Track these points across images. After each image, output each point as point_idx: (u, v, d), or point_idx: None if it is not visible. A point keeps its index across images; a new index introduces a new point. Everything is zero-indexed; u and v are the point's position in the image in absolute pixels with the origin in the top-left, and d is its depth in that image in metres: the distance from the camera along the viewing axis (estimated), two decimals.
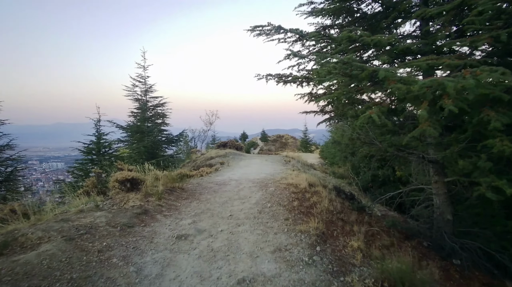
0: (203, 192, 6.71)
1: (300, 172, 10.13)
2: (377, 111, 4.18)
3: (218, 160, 14.64)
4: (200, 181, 8.43)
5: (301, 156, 19.74)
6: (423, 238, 6.19)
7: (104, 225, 4.26)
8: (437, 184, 6.06)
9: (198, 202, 5.91)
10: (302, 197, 6.29)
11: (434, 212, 6.25)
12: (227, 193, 6.66)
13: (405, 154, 6.03)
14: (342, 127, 12.50)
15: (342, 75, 4.42)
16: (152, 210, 5.15)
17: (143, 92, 14.83)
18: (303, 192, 6.69)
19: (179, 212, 5.28)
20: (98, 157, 10.27)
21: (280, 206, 5.52)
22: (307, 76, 6.99)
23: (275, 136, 42.24)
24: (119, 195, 5.78)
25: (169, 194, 6.11)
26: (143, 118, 14.52)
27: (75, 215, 4.56)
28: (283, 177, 8.27)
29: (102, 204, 5.35)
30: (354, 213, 6.33)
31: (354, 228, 5.36)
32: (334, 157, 17.35)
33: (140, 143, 13.76)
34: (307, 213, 5.33)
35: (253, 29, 6.47)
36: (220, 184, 7.82)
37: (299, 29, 6.24)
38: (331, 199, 6.48)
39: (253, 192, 6.63)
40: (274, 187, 7.02)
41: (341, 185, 12.13)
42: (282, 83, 7.19)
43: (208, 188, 7.23)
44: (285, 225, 4.64)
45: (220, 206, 5.66)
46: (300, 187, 7.07)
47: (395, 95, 4.43)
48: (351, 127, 6.92)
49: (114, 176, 5.85)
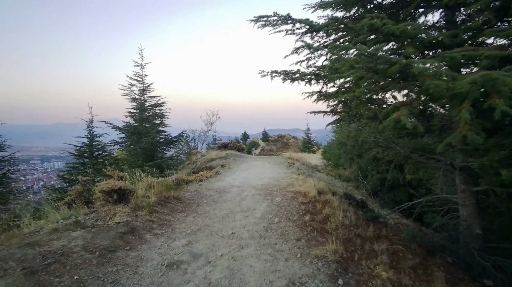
0: (201, 203, 5.91)
1: (306, 177, 9.33)
2: (406, 113, 3.38)
3: (218, 162, 13.86)
4: (198, 187, 7.64)
5: (303, 157, 18.96)
6: (447, 253, 5.42)
7: (80, 249, 3.47)
8: (464, 194, 5.28)
9: (195, 216, 5.11)
10: (313, 208, 5.50)
11: (460, 225, 5.48)
12: (228, 203, 5.87)
13: (431, 161, 5.24)
14: (355, 128, 11.73)
15: (366, 70, 3.63)
16: (141, 228, 4.35)
17: (141, 91, 14.03)
18: (313, 202, 5.90)
19: (172, 230, 4.48)
20: (91, 160, 9.48)
21: (289, 221, 4.72)
22: (317, 73, 6.20)
23: (276, 136, 41.45)
24: (105, 207, 4.99)
25: (162, 206, 5.31)
26: (140, 118, 13.74)
27: (48, 236, 3.77)
28: (289, 184, 7.47)
29: (84, 219, 4.56)
30: (369, 226, 5.56)
31: (375, 246, 4.58)
32: (339, 158, 16.55)
33: (137, 145, 12.97)
34: (321, 230, 4.54)
35: (258, 20, 5.68)
36: (220, 192, 7.03)
37: (309, 19, 5.45)
38: (344, 210, 5.70)
39: (257, 203, 5.84)
40: (280, 196, 6.23)
41: (350, 190, 11.36)
42: (289, 80, 6.40)
43: (207, 197, 6.44)
44: (297, 248, 3.84)
45: (220, 221, 4.86)
46: (309, 195, 6.28)
47: (428, 94, 3.63)
48: (365, 129, 6.17)
49: (100, 185, 5.06)
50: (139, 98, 14.06)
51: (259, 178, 9.13)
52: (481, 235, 5.14)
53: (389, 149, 6.10)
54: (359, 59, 3.46)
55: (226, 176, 9.81)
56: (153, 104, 14.24)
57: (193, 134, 20.98)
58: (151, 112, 14.30)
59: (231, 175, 10.18)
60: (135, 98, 13.97)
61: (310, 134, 33.28)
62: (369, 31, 4.36)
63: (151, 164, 12.36)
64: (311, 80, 6.46)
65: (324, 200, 6.17)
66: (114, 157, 11.81)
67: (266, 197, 6.31)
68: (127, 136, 13.62)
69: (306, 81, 6.44)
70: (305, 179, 8.66)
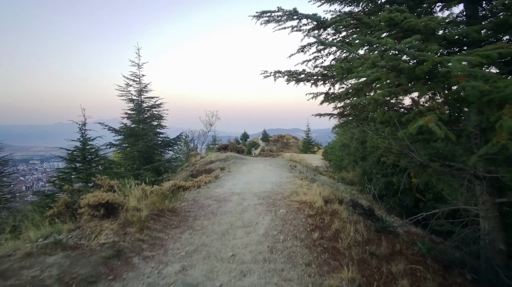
0: (199, 215, 5.35)
1: (309, 182, 8.79)
2: (434, 119, 2.82)
3: (218, 165, 13.31)
4: (196, 195, 7.08)
5: (304, 158, 18.41)
6: (465, 269, 4.89)
7: (53, 282, 2.91)
8: (486, 205, 4.74)
9: (191, 232, 4.54)
10: (321, 222, 4.95)
11: (481, 239, 4.96)
12: (228, 216, 5.31)
13: (453, 170, 4.69)
14: (360, 130, 11.19)
15: (389, 68, 3.08)
16: (129, 249, 3.78)
17: (138, 91, 13.43)
18: (320, 213, 5.36)
19: (165, 251, 3.91)
20: (84, 165, 8.91)
21: (296, 240, 4.16)
22: (325, 73, 5.64)
23: (276, 136, 40.91)
24: (91, 223, 4.43)
25: (155, 220, 4.74)
26: (137, 120, 13.15)
27: (19, 262, 3.21)
28: (293, 191, 6.92)
29: (66, 237, 4.01)
30: (381, 238, 5.02)
31: (392, 268, 4.02)
32: (341, 160, 16.02)
33: (134, 147, 12.38)
34: (333, 250, 3.99)
35: (260, 15, 5.11)
36: (219, 201, 6.48)
37: (317, 15, 4.89)
38: (354, 222, 5.17)
39: (260, 215, 5.29)
40: (285, 207, 5.68)
41: (354, 194, 10.82)
42: (293, 81, 5.84)
43: (205, 208, 5.88)
44: (308, 276, 3.28)
45: (219, 239, 4.30)
46: (316, 206, 5.74)
47: (460, 97, 3.08)
48: (377, 134, 5.65)
49: (86, 198, 4.50)
50: (136, 99, 13.47)
51: (261, 183, 8.59)
52: (505, 251, 4.62)
53: (403, 156, 5.56)
54: (384, 56, 2.90)
55: (226, 181, 9.26)
56: (151, 105, 13.65)
57: (192, 135, 20.42)
58: (149, 114, 13.72)
59: (231, 179, 9.63)
60: (132, 99, 13.38)
61: (310, 134, 32.72)
62: (388, 26, 3.80)
63: (148, 167, 11.79)
64: (317, 81, 5.91)
65: (332, 210, 5.63)
66: (109, 161, 11.24)
67: (269, 207, 5.77)
68: (124, 138, 13.04)
69: (312, 82, 5.89)
70: (309, 186, 8.12)
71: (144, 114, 13.49)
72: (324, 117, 6.90)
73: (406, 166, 5.60)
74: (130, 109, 13.43)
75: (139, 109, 13.22)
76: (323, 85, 6.12)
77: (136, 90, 13.41)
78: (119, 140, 13.07)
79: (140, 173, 11.61)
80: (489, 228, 4.70)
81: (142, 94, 13.49)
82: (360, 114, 6.13)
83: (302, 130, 36.85)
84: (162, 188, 7.11)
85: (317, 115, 6.78)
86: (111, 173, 10.69)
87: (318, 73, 5.40)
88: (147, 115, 13.60)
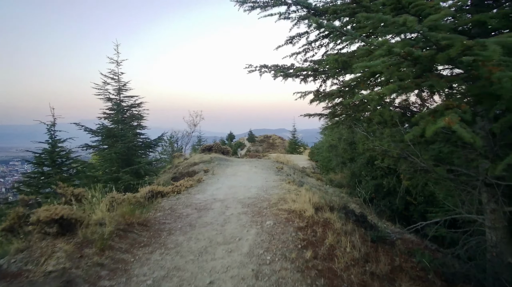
0: (174, 229, 4.61)
1: (297, 187, 8.16)
2: (456, 119, 2.20)
3: (202, 167, 12.56)
4: (175, 203, 6.33)
5: (291, 159, 17.83)
6: (470, 284, 4.36)
7: None
8: (494, 215, 4.21)
9: (162, 252, 3.81)
10: (313, 235, 4.31)
11: (487, 251, 4.44)
12: (207, 229, 4.59)
13: (459, 176, 4.12)
14: (348, 131, 10.64)
15: (403, 56, 2.45)
16: (82, 279, 3.03)
17: (116, 90, 12.52)
18: (311, 224, 4.72)
19: (128, 279, 3.16)
20: (53, 169, 8.03)
21: (286, 261, 3.49)
22: (316, 68, 5.00)
23: (262, 137, 40.30)
24: (43, 242, 3.66)
25: (121, 237, 3.98)
26: (116, 120, 12.26)
27: None
28: (280, 198, 6.27)
29: (8, 263, 3.24)
30: (378, 251, 4.45)
31: None
32: (329, 161, 15.49)
33: (112, 149, 11.51)
34: (329, 274, 3.34)
35: (244, 1, 4.45)
36: (200, 209, 5.77)
37: (308, 0, 4.26)
38: (348, 233, 4.58)
39: (244, 227, 4.60)
40: (272, 217, 5.01)
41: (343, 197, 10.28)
42: (281, 76, 5.19)
43: (183, 219, 5.15)
44: None
45: (196, 260, 3.58)
46: (306, 215, 5.11)
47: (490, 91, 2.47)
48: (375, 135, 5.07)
49: (37, 213, 3.72)
50: (115, 97, 12.56)
51: (246, 188, 7.91)
52: None
53: (402, 160, 4.98)
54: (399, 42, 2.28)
55: (209, 185, 8.53)
56: (130, 104, 12.76)
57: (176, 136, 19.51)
58: (128, 114, 12.82)
59: (214, 183, 8.91)
60: (110, 97, 12.45)
61: (296, 135, 32.21)
62: (393, 9, 3.19)
63: (127, 170, 10.94)
64: (307, 76, 5.28)
65: (323, 220, 5.00)
66: (84, 163, 10.36)
67: (255, 218, 5.09)
68: (102, 139, 12.12)
69: (301, 78, 5.25)
70: (297, 190, 7.49)
71: (123, 114, 12.60)
72: (313, 117, 6.31)
73: (404, 171, 5.03)
74: (109, 108, 12.51)
75: (118, 109, 12.34)
76: (313, 82, 5.51)
77: (115, 88, 12.50)
78: (97, 141, 12.15)
79: (118, 176, 10.76)
80: (497, 240, 4.20)
81: (121, 93, 12.59)
82: (353, 114, 5.54)
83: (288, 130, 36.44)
84: (136, 195, 6.34)
85: (306, 115, 6.15)
86: (83, 177, 9.81)
87: (309, 67, 4.75)
88: (126, 115, 12.70)
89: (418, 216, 9.69)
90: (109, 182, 10.53)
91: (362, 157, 11.47)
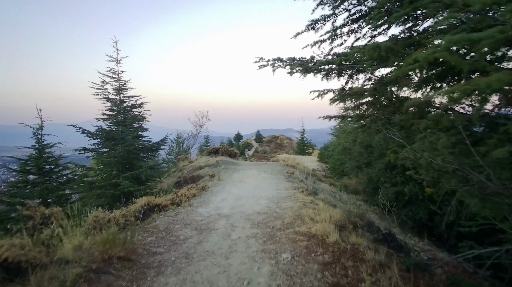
0: (166, 263, 3.60)
1: (313, 198, 7.12)
2: None
3: (207, 171, 11.60)
4: (172, 220, 5.34)
5: (300, 161, 16.78)
6: None
7: None
8: None
9: None
10: (344, 275, 3.27)
11: None
12: (207, 263, 3.57)
13: None
14: (385, 140, 9.53)
15: None
16: None
17: (116, 90, 11.57)
18: (338, 256, 3.69)
19: None
20: (40, 177, 7.12)
21: None
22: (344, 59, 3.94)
23: (270, 137, 39.25)
24: None
25: (90, 282, 2.95)
26: (116, 121, 11.32)
27: None
28: (296, 215, 5.24)
29: None
30: None
31: None
32: (341, 165, 14.39)
33: (111, 153, 10.57)
34: None
35: None
36: (201, 230, 4.77)
37: None
38: (383, 264, 3.54)
39: (254, 262, 3.57)
40: (288, 245, 3.97)
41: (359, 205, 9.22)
42: (299, 72, 4.15)
43: (179, 245, 4.15)
44: None
45: None
46: (329, 241, 4.08)
47: None
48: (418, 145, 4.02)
49: None
50: (115, 97, 11.61)
51: (254, 199, 6.90)
52: None
53: (450, 175, 3.91)
54: None
55: (213, 195, 7.54)
56: (131, 105, 11.80)
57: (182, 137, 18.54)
58: (129, 115, 11.87)
59: (220, 192, 7.92)
60: (109, 98, 11.50)
61: (305, 135, 31.04)
62: None
63: (127, 176, 9.98)
64: (331, 72, 4.24)
65: (351, 247, 3.96)
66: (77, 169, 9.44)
67: (267, 244, 4.07)
68: (101, 142, 11.19)
69: (324, 73, 4.21)
70: (313, 203, 6.45)
71: (124, 115, 11.66)
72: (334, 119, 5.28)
73: (455, 188, 3.94)
74: (108, 109, 11.57)
75: (118, 109, 11.40)
76: (337, 78, 4.47)
77: (114, 88, 11.55)
78: (95, 144, 11.22)
79: (118, 182, 9.83)
80: None
81: (121, 92, 11.64)
82: (386, 116, 4.49)
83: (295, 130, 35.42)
84: (128, 212, 5.37)
85: (326, 117, 5.12)
86: (79, 182, 8.90)
87: (336, 60, 3.70)
88: (128, 116, 11.75)
89: (445, 228, 8.58)
90: (108, 187, 9.62)
91: (380, 161, 10.35)
